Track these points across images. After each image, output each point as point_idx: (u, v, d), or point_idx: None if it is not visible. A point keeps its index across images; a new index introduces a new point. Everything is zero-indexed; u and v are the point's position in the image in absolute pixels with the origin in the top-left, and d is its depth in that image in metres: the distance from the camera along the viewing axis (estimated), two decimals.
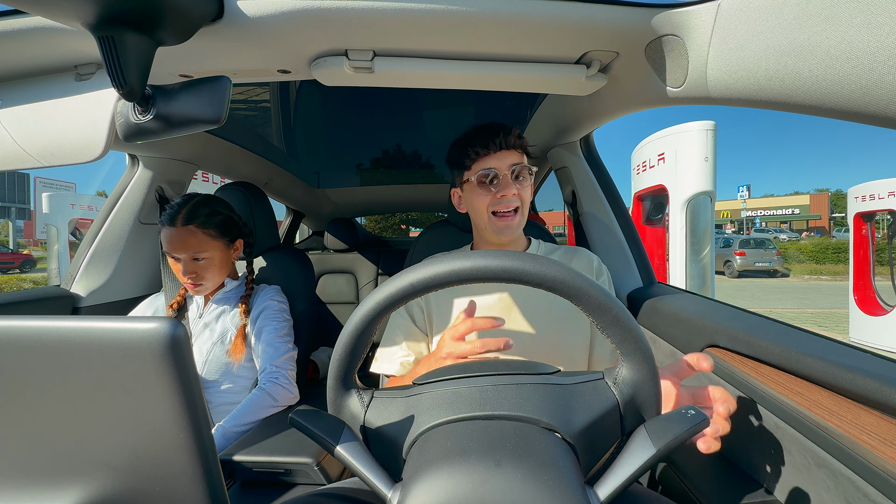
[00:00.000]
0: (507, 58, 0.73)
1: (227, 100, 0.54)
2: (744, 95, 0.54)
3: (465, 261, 0.43)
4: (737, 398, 0.64)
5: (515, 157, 0.83)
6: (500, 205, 0.82)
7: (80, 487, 0.32)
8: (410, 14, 0.59)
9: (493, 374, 0.48)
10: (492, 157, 0.83)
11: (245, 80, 0.78)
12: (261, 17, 0.58)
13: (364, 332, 0.45)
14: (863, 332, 5.20)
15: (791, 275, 14.33)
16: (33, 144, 0.64)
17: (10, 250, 20.81)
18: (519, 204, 0.83)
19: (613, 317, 0.42)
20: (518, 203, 0.83)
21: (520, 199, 0.83)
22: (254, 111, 1.45)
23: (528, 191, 0.85)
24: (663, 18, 0.60)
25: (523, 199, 0.84)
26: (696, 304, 0.85)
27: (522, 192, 0.83)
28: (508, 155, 0.83)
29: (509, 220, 0.83)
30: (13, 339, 0.30)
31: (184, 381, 0.29)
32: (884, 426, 0.45)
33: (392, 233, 9.58)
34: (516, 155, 0.84)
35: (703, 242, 4.43)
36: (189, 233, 0.98)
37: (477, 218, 0.88)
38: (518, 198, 0.83)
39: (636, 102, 0.83)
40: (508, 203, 0.82)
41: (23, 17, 0.59)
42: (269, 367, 1.00)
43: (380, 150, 1.96)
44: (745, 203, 36.73)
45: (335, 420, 0.44)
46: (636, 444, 0.39)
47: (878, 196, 5.12)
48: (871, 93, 0.39)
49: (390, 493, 0.39)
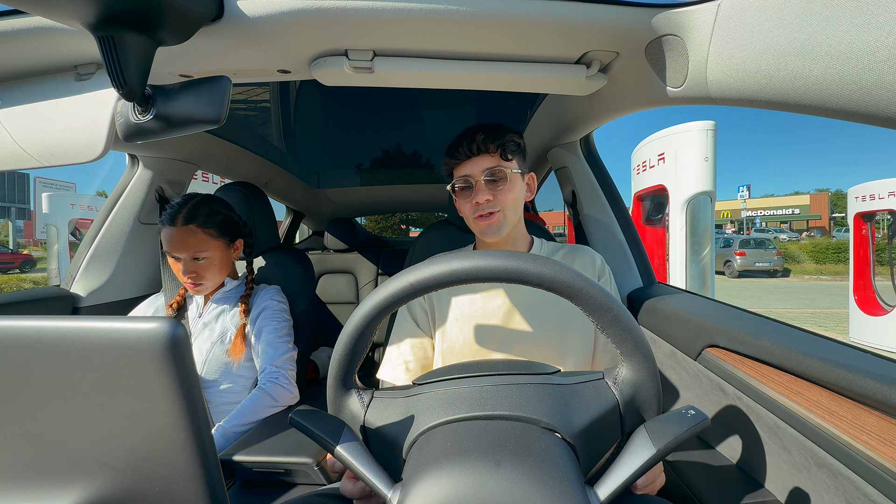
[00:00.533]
0: (507, 58, 0.73)
1: (227, 100, 0.54)
2: (744, 95, 0.54)
3: (465, 261, 0.43)
4: (737, 398, 0.64)
5: (489, 161, 0.82)
6: (477, 211, 0.83)
7: (80, 487, 0.32)
8: (410, 14, 0.59)
9: (493, 374, 0.48)
10: (466, 165, 0.84)
11: (245, 80, 0.78)
12: (261, 17, 0.58)
13: (364, 332, 0.45)
14: (863, 332, 5.20)
15: (791, 275, 14.33)
16: (33, 144, 0.64)
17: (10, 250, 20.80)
18: (498, 209, 0.82)
19: (613, 317, 0.42)
20: (496, 208, 0.82)
21: (499, 203, 0.82)
22: (254, 111, 1.45)
23: (508, 193, 0.83)
24: (663, 18, 0.60)
25: (503, 202, 0.83)
26: (696, 304, 0.85)
27: (500, 196, 0.82)
28: (481, 160, 0.83)
29: (488, 219, 0.83)
30: (13, 339, 0.30)
31: (184, 381, 0.29)
32: (884, 426, 0.45)
33: (392, 233, 9.58)
34: (490, 159, 0.83)
35: (703, 242, 4.43)
36: (189, 232, 0.98)
37: (467, 223, 0.89)
38: (496, 202, 0.82)
39: (636, 102, 0.83)
40: (483, 209, 0.82)
41: (23, 17, 0.59)
42: (269, 367, 1.00)
43: (380, 150, 1.96)
44: (745, 203, 36.74)
45: (335, 420, 0.44)
46: (636, 445, 0.39)
47: (878, 196, 5.12)
48: (871, 93, 0.39)
49: (390, 493, 0.39)
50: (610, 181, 1.23)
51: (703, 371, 0.72)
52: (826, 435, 0.48)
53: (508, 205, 0.83)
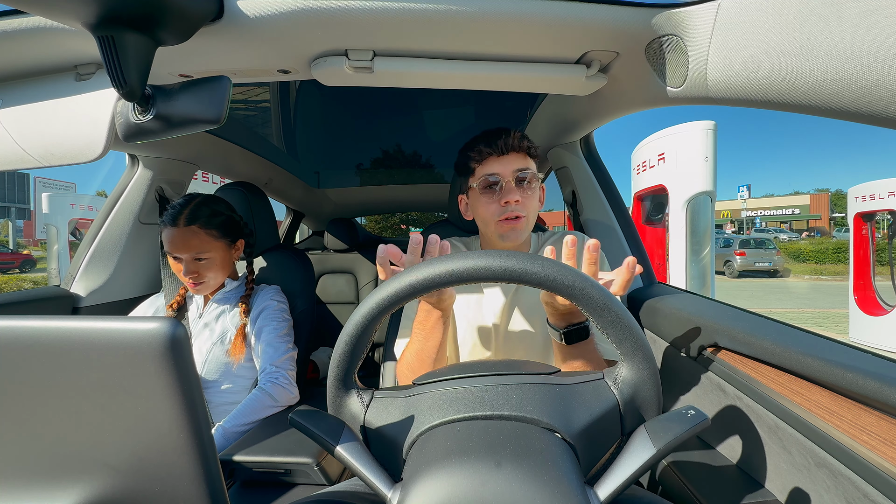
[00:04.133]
0: (507, 58, 0.73)
1: (227, 100, 0.54)
2: (744, 95, 0.54)
3: (465, 261, 0.43)
4: (737, 398, 0.64)
5: (520, 162, 0.79)
6: (503, 213, 0.78)
7: (80, 487, 0.32)
8: (410, 14, 0.59)
9: (493, 374, 0.48)
10: (495, 162, 0.79)
11: (245, 80, 0.78)
12: (261, 17, 0.58)
13: (364, 332, 0.45)
14: (863, 332, 5.20)
15: (791, 275, 14.33)
16: (33, 144, 0.64)
17: (10, 250, 20.80)
18: (524, 213, 0.78)
19: (613, 317, 0.42)
20: (523, 212, 0.78)
21: (525, 208, 0.78)
22: (254, 111, 1.45)
23: (533, 200, 0.80)
24: (663, 18, 0.60)
25: (528, 208, 0.79)
26: (696, 304, 0.85)
27: (527, 201, 0.79)
28: (513, 159, 0.79)
29: (514, 223, 0.78)
30: (13, 339, 0.30)
31: (184, 381, 0.29)
32: (884, 426, 0.45)
33: (392, 233, 9.58)
34: (522, 159, 0.79)
35: (703, 242, 4.43)
36: (191, 233, 0.98)
37: (482, 226, 0.84)
38: (522, 206, 0.78)
39: (636, 102, 0.83)
40: (512, 211, 0.77)
41: (23, 17, 0.59)
42: (269, 367, 1.00)
43: (380, 150, 1.96)
44: (745, 203, 36.74)
45: (335, 420, 0.44)
46: (636, 445, 0.39)
47: (878, 196, 5.13)
48: (871, 93, 0.39)
49: (390, 493, 0.39)
50: (610, 181, 1.23)
51: (702, 371, 0.72)
52: (826, 435, 0.48)
53: (532, 210, 0.80)
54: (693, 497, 0.63)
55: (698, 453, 0.70)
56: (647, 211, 5.28)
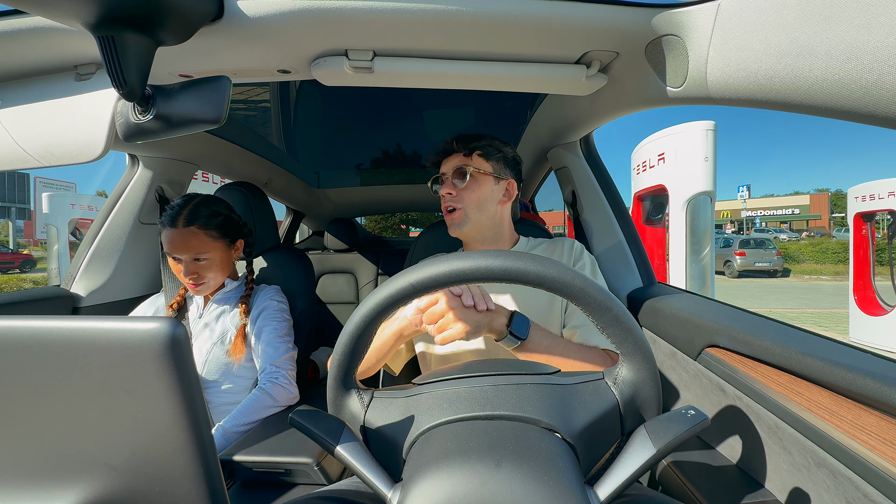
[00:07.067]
0: (507, 58, 0.73)
1: (227, 100, 0.54)
2: (744, 95, 0.54)
3: (465, 261, 0.43)
4: (737, 398, 0.64)
5: (458, 161, 0.88)
6: (442, 204, 0.89)
7: (80, 487, 0.32)
8: (410, 14, 0.59)
9: (493, 374, 0.48)
10: (443, 164, 0.91)
11: (245, 80, 0.78)
12: (261, 17, 0.58)
13: (364, 332, 0.45)
14: (863, 332, 5.20)
15: (791, 275, 14.33)
16: (33, 144, 0.64)
17: (10, 250, 20.80)
18: (460, 205, 0.86)
19: (614, 317, 0.42)
20: (458, 204, 0.86)
21: (461, 200, 0.86)
22: (254, 111, 1.45)
23: (471, 192, 0.86)
24: (663, 18, 0.60)
25: (465, 200, 0.86)
26: (696, 304, 0.85)
27: (463, 192, 0.86)
28: (452, 159, 0.89)
29: (450, 216, 0.88)
30: (13, 339, 0.30)
31: (184, 381, 0.29)
32: (884, 426, 0.45)
33: (392, 233, 9.57)
34: (459, 158, 0.88)
35: (703, 242, 4.43)
36: (191, 234, 0.98)
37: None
38: (458, 199, 0.86)
39: (636, 102, 0.83)
40: (447, 202, 0.87)
41: (23, 17, 0.59)
42: (269, 367, 1.00)
43: (380, 150, 1.96)
44: (745, 203, 36.74)
45: (335, 420, 0.45)
46: (636, 445, 0.39)
47: (878, 196, 5.13)
48: (871, 93, 0.39)
49: (390, 493, 0.39)
50: (610, 181, 1.23)
51: (703, 371, 0.72)
52: (826, 435, 0.48)
53: (471, 203, 0.86)
54: (693, 497, 0.63)
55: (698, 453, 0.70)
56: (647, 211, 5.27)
